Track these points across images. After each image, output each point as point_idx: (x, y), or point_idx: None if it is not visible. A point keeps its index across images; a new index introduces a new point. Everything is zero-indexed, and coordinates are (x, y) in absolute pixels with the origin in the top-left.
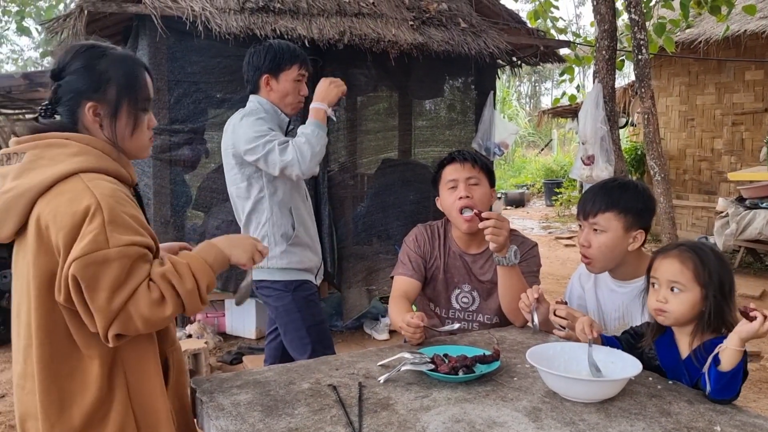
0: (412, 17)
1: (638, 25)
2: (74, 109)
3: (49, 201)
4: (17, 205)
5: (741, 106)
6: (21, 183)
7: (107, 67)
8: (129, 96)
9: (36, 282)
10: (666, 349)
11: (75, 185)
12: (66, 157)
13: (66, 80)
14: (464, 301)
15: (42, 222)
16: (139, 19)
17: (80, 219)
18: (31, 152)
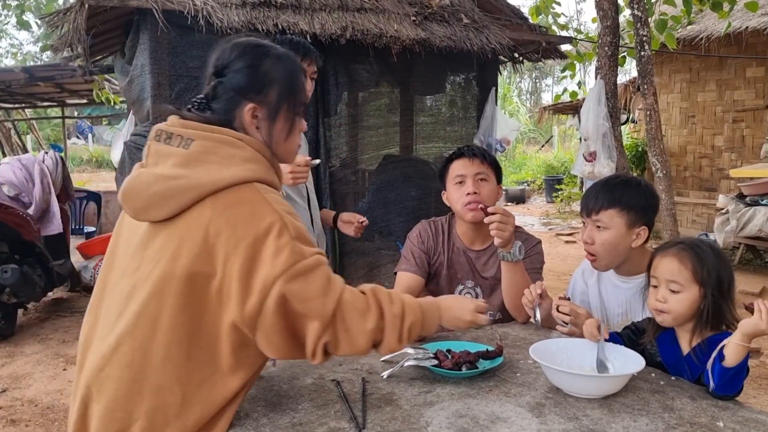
0: (414, 13)
1: (641, 22)
2: (232, 107)
3: (223, 206)
4: (182, 197)
5: (742, 103)
6: (191, 175)
7: (271, 68)
8: (289, 99)
9: (183, 281)
10: (667, 346)
11: (253, 196)
12: (240, 161)
13: (228, 78)
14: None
15: (212, 226)
16: (140, 13)
17: (264, 234)
18: (200, 142)
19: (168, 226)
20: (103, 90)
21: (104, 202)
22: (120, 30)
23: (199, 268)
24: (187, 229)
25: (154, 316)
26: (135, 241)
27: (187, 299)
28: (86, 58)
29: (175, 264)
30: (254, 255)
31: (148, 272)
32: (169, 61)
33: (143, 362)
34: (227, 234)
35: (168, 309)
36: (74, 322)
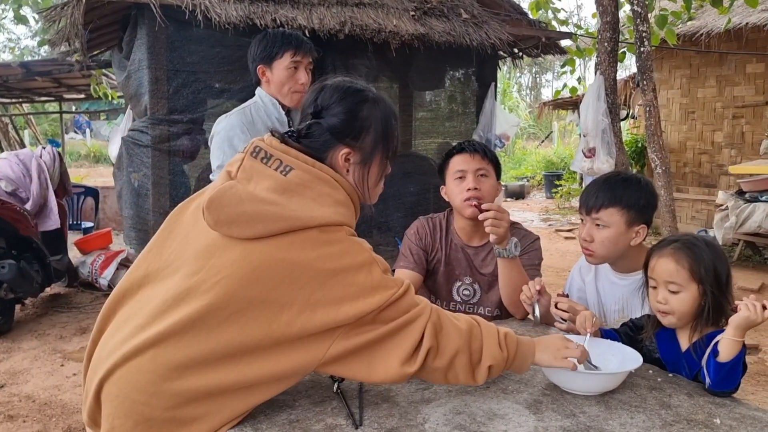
0: (413, 8)
1: (641, 18)
2: (326, 148)
3: (314, 243)
4: (273, 224)
5: (742, 99)
6: (285, 204)
7: (368, 115)
8: (383, 146)
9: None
10: (666, 342)
11: (341, 236)
12: (333, 202)
13: (326, 119)
14: (465, 294)
15: (300, 259)
16: (138, 8)
17: (357, 271)
18: (299, 173)
19: (246, 244)
20: (101, 85)
21: (102, 197)
22: (117, 25)
23: (276, 297)
24: (270, 256)
25: (212, 326)
26: (200, 243)
27: (252, 321)
28: (83, 53)
29: (249, 286)
30: (346, 289)
31: (213, 282)
32: (166, 56)
33: (184, 365)
34: (316, 270)
35: (228, 325)
36: (71, 318)
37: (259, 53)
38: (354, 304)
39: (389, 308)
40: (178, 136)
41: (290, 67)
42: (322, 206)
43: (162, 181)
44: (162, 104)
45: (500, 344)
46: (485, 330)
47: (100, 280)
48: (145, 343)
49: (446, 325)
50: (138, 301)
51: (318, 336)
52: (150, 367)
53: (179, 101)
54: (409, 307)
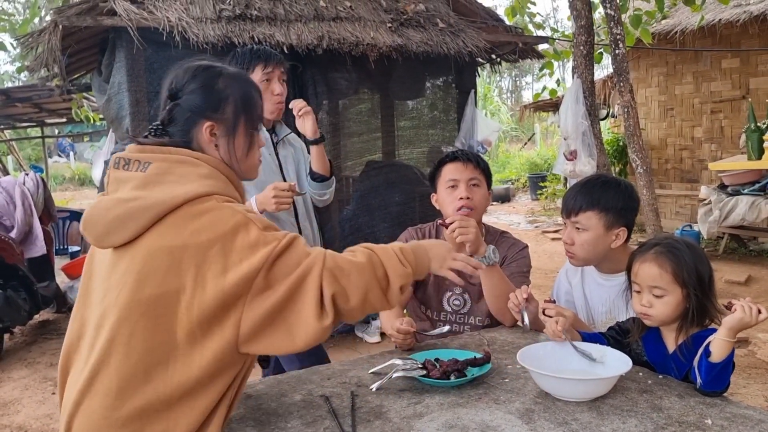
0: (390, 19)
1: (614, 20)
2: (189, 128)
3: (184, 220)
4: (141, 217)
5: (719, 94)
6: (148, 195)
7: (225, 86)
8: (246, 115)
9: (152, 301)
10: (653, 345)
11: (210, 205)
12: (197, 177)
13: (184, 99)
14: (456, 304)
15: (176, 242)
16: (116, 32)
17: (233, 234)
18: (157, 164)
19: (130, 250)
20: (82, 108)
21: None
22: (96, 48)
23: (168, 287)
24: (150, 250)
25: (126, 340)
26: (103, 270)
27: (158, 320)
28: (63, 78)
29: (141, 286)
30: (227, 256)
31: (114, 299)
32: (146, 77)
33: (121, 388)
34: (194, 246)
35: (140, 332)
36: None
37: None
38: (238, 268)
39: (277, 264)
40: None
41: (263, 80)
42: (185, 184)
43: None
44: (144, 126)
45: (401, 262)
46: (383, 254)
47: None
48: (85, 384)
49: (345, 267)
50: (78, 343)
51: (221, 313)
52: (93, 407)
53: None
54: (299, 259)
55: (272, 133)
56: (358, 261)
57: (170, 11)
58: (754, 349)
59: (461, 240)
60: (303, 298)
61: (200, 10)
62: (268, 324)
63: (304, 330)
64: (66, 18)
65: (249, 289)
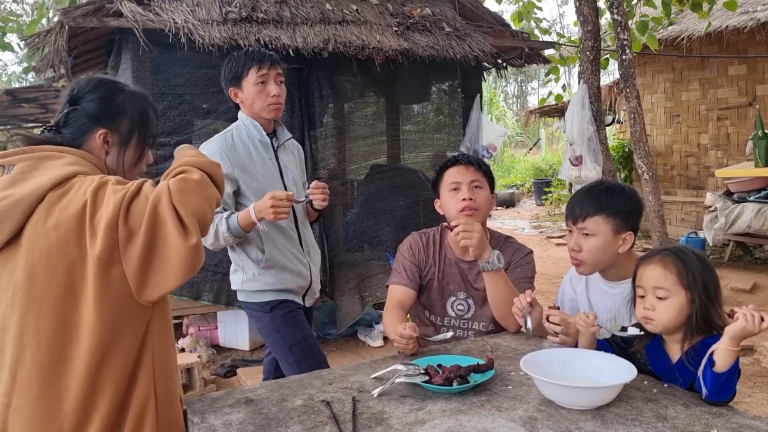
0: (396, 23)
1: (621, 26)
2: (83, 132)
3: (52, 202)
4: (14, 212)
5: (725, 101)
6: (15, 192)
7: (124, 101)
8: (140, 130)
9: (47, 284)
10: (655, 355)
11: (75, 181)
12: (60, 165)
13: (83, 106)
14: (459, 309)
15: (50, 223)
16: (121, 33)
17: (94, 194)
18: (21, 164)
19: (13, 249)
20: None
21: None
22: (103, 49)
23: (57, 267)
24: (30, 240)
25: (34, 331)
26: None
27: (57, 300)
28: (69, 78)
29: (33, 276)
30: (93, 218)
31: (10, 298)
32: (151, 79)
33: (43, 377)
34: (66, 221)
35: (44, 318)
36: None
37: (227, 77)
38: (101, 220)
39: (131, 209)
40: (166, 159)
41: (258, 82)
42: (49, 173)
43: None
44: None
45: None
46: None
47: None
48: (7, 387)
49: (188, 185)
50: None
51: (106, 273)
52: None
53: (166, 124)
54: (147, 196)
55: (273, 137)
56: (192, 177)
57: (176, 13)
58: (760, 358)
59: (464, 244)
60: (164, 227)
61: (206, 12)
62: (147, 265)
63: (176, 255)
64: (72, 19)
65: (116, 241)
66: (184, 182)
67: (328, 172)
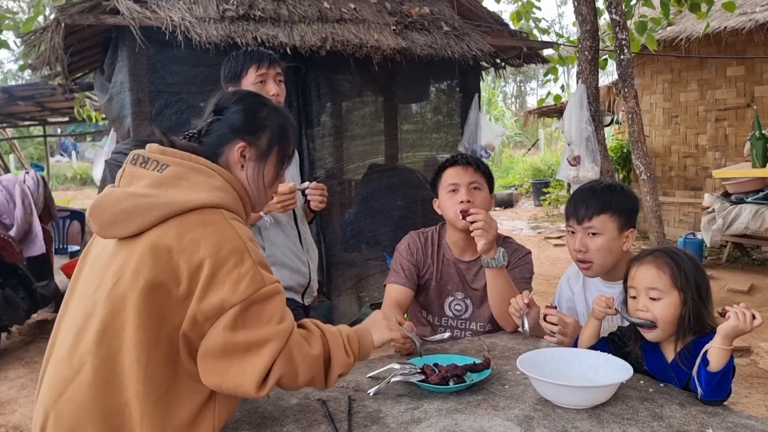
0: (394, 22)
1: (620, 26)
2: (223, 143)
3: (189, 226)
4: (149, 214)
5: (724, 102)
6: (159, 194)
7: (266, 116)
8: (279, 147)
9: (144, 294)
10: (651, 354)
11: (219, 219)
12: (209, 187)
13: (225, 116)
14: (457, 309)
15: (176, 244)
16: (118, 31)
17: (226, 257)
18: (174, 168)
19: (131, 244)
20: (85, 107)
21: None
22: (99, 47)
23: (160, 281)
24: (150, 246)
25: (116, 332)
26: (100, 261)
27: (147, 314)
28: (65, 76)
29: (135, 280)
30: (214, 275)
31: (108, 290)
32: (148, 77)
33: (106, 380)
34: (190, 252)
35: (130, 325)
36: None
37: (226, 76)
38: (220, 291)
39: (252, 310)
40: None
41: (257, 82)
42: (198, 191)
43: None
44: (145, 126)
45: (347, 351)
46: (333, 342)
47: None
48: (70, 373)
49: (299, 355)
50: (62, 333)
51: (195, 324)
52: (78, 397)
53: (163, 122)
54: (272, 315)
55: None
56: (312, 353)
57: (173, 11)
58: (756, 359)
59: (479, 236)
60: (253, 361)
61: (203, 10)
62: (216, 357)
63: (236, 384)
64: (69, 16)
65: (220, 315)
66: (302, 349)
67: (325, 171)
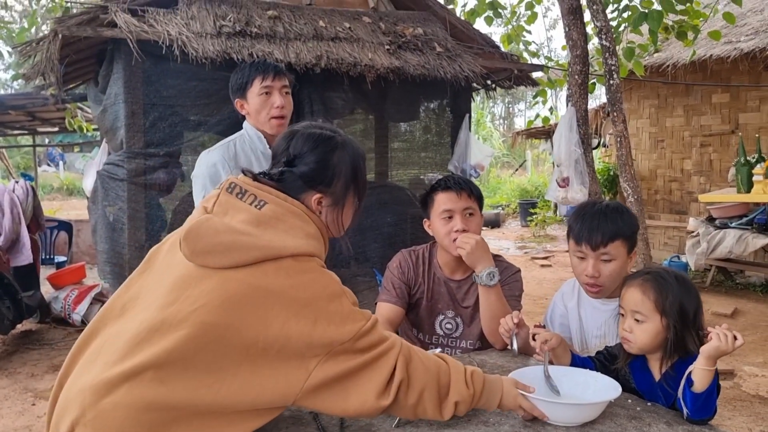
0: (388, 41)
1: (609, 52)
2: (299, 192)
3: (288, 272)
4: (247, 253)
5: (709, 128)
6: (259, 235)
7: (338, 162)
8: (354, 187)
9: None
10: (639, 373)
11: (315, 267)
12: (305, 235)
13: (298, 168)
14: (448, 328)
15: (274, 287)
16: (115, 43)
17: (329, 299)
18: (272, 207)
19: (223, 273)
20: (76, 118)
21: (75, 231)
22: (94, 58)
23: (251, 325)
24: (246, 284)
25: (190, 356)
26: (174, 276)
27: (227, 349)
28: (59, 87)
29: (226, 313)
30: (318, 317)
31: (188, 312)
32: (143, 90)
33: (164, 397)
34: (291, 298)
35: (207, 353)
36: (43, 355)
37: (233, 88)
38: (325, 333)
39: (361, 340)
40: (155, 170)
41: (262, 93)
42: (294, 237)
43: (138, 215)
44: (138, 138)
45: (467, 382)
46: (453, 367)
47: (73, 315)
48: (119, 378)
49: (415, 360)
50: (110, 337)
51: (294, 364)
52: (126, 401)
53: (156, 135)
54: (380, 339)
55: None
56: (428, 362)
57: (170, 25)
58: (740, 382)
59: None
60: (373, 374)
61: (200, 26)
62: (330, 386)
63: (359, 402)
64: (66, 28)
65: (327, 353)
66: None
67: None
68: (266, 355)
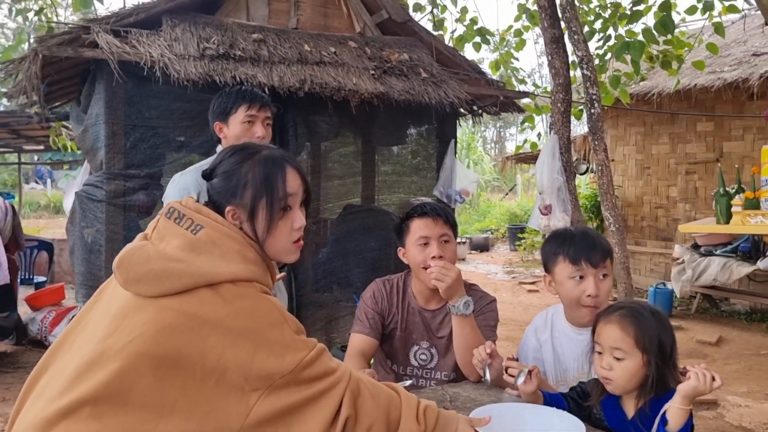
0: (373, 66)
1: (590, 81)
2: (221, 207)
3: (224, 299)
4: (179, 281)
5: (694, 155)
6: (192, 261)
7: (246, 171)
8: (265, 198)
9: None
10: (612, 411)
11: (253, 293)
12: (242, 259)
13: (212, 182)
14: (422, 359)
15: (211, 316)
16: (97, 63)
17: (268, 328)
18: (208, 231)
19: (158, 302)
20: (60, 137)
21: (58, 250)
22: (77, 78)
23: (187, 356)
24: (181, 313)
25: (125, 389)
26: (114, 307)
27: (164, 382)
28: (42, 106)
29: (160, 343)
30: (257, 348)
31: (124, 343)
32: (124, 110)
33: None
34: (227, 327)
35: (143, 386)
36: (17, 379)
37: (215, 110)
38: (265, 364)
39: (304, 371)
40: (135, 191)
41: (245, 121)
42: (230, 263)
43: (116, 237)
44: (118, 159)
45: (418, 417)
46: (405, 401)
47: (50, 337)
48: (57, 415)
49: (364, 394)
50: (56, 371)
51: (234, 398)
52: None
53: (137, 156)
54: (326, 371)
55: None
56: (379, 396)
57: (153, 47)
58: (723, 412)
59: (436, 283)
60: (318, 409)
61: (184, 47)
62: (274, 423)
63: None
64: (46, 48)
65: (268, 386)
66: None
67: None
68: (204, 388)
